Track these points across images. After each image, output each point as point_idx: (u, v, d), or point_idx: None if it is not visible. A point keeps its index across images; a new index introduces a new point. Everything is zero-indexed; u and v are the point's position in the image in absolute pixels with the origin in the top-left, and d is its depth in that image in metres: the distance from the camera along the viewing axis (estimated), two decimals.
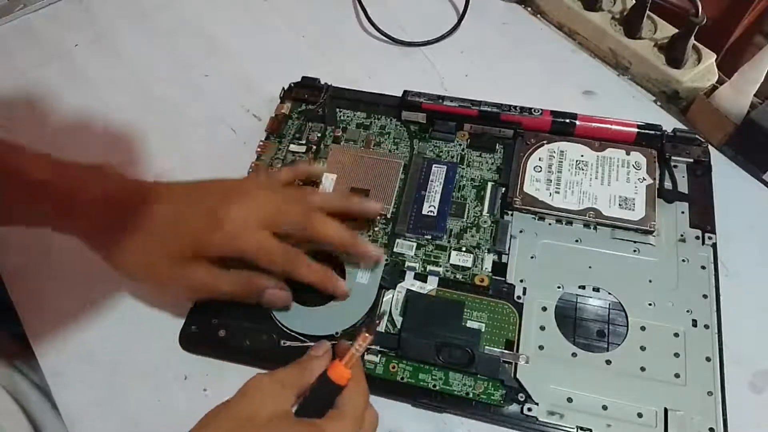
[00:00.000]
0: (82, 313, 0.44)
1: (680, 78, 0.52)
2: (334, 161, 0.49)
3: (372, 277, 0.43)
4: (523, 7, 0.62)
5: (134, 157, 0.53)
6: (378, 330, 0.41)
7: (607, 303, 0.42)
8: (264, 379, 0.33)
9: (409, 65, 0.58)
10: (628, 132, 0.48)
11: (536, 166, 0.47)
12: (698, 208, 0.45)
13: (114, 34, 0.62)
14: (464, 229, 0.45)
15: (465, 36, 0.60)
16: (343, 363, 0.33)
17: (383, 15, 0.60)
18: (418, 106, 0.50)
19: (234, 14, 0.63)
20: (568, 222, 0.45)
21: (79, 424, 0.40)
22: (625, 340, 0.40)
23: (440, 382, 0.39)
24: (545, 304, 0.42)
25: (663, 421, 0.37)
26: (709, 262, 0.43)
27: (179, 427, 0.40)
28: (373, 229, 0.46)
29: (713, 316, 0.41)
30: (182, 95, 0.56)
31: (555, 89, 0.55)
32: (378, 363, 0.40)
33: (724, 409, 0.37)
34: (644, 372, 0.39)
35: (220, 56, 0.59)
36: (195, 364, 0.42)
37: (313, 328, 0.41)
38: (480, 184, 0.47)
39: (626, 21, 0.55)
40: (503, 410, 0.38)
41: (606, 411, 0.38)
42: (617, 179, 0.46)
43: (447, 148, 0.50)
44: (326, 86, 0.54)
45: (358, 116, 0.52)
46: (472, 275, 0.43)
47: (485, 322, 0.41)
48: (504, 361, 0.39)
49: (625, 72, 0.56)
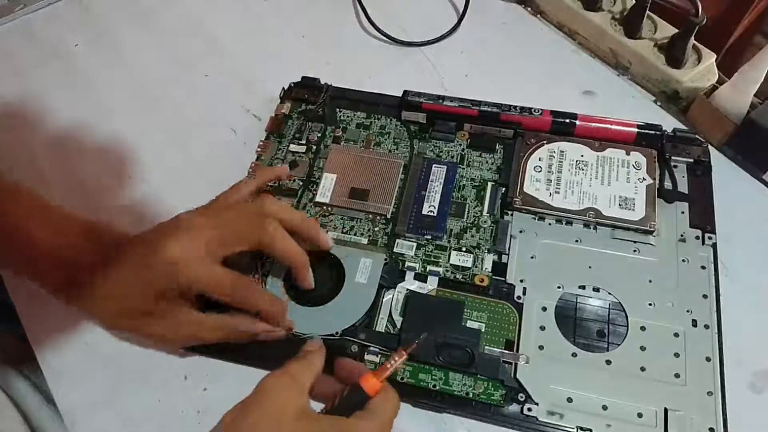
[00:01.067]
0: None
1: (680, 78, 0.52)
2: (334, 161, 0.49)
3: (371, 277, 0.43)
4: (523, 7, 0.62)
5: (134, 157, 0.53)
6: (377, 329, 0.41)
7: (607, 303, 0.42)
8: (280, 376, 0.32)
9: (409, 65, 0.58)
10: (628, 132, 0.48)
11: (536, 166, 0.47)
12: (698, 208, 0.45)
13: (114, 34, 0.61)
14: (464, 229, 0.45)
15: (465, 36, 0.60)
16: (377, 376, 0.33)
17: (383, 15, 0.60)
18: (418, 106, 0.50)
19: (234, 14, 0.63)
20: (568, 222, 0.45)
21: (79, 424, 0.40)
22: (625, 340, 0.40)
23: (440, 382, 0.39)
24: (545, 304, 0.42)
25: (663, 421, 0.37)
26: (709, 262, 0.43)
27: (179, 427, 0.40)
28: (374, 229, 0.46)
29: (713, 316, 0.41)
30: (182, 95, 0.56)
31: (555, 89, 0.55)
32: (378, 363, 0.40)
33: (724, 409, 0.37)
34: (644, 372, 0.39)
35: (220, 56, 0.59)
36: (195, 364, 0.42)
37: (313, 328, 0.41)
38: (480, 184, 0.47)
39: (626, 21, 0.55)
40: (503, 410, 0.38)
41: (606, 411, 0.38)
42: (617, 179, 0.46)
43: (447, 148, 0.50)
44: (326, 86, 0.54)
45: (358, 116, 0.52)
46: (472, 275, 0.43)
47: (485, 322, 0.41)
48: (504, 361, 0.39)
49: (625, 72, 0.56)
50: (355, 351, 0.40)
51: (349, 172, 0.48)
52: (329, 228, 0.46)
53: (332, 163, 0.49)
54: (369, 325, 0.41)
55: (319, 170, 0.49)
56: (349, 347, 0.40)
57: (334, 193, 0.47)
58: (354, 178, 0.48)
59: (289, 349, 0.41)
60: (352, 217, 0.47)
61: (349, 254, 0.44)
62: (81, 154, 0.53)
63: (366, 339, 0.40)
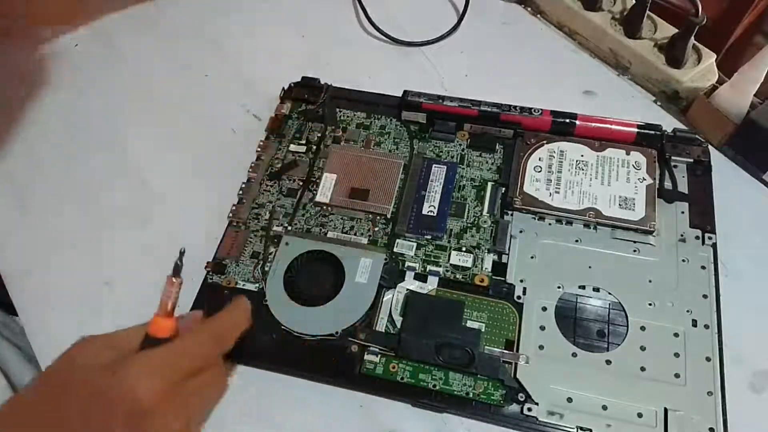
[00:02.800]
0: (82, 314, 0.45)
1: (680, 78, 0.52)
2: (334, 161, 0.49)
3: (371, 276, 0.43)
4: (523, 7, 0.62)
5: (134, 157, 0.53)
6: (377, 329, 0.41)
7: (607, 303, 0.42)
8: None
9: (409, 65, 0.58)
10: (628, 132, 0.48)
11: (536, 166, 0.47)
12: (698, 208, 0.45)
13: (114, 34, 0.62)
14: (464, 229, 0.45)
15: (465, 36, 0.60)
16: (161, 315, 0.31)
17: (383, 15, 0.60)
18: (418, 106, 0.50)
19: (234, 14, 0.63)
20: (568, 222, 0.45)
21: None
22: (625, 340, 0.40)
23: (440, 382, 0.39)
24: (545, 304, 0.42)
25: (663, 421, 0.37)
26: (709, 262, 0.43)
27: None
28: (374, 229, 0.46)
29: (713, 316, 0.41)
30: (182, 95, 0.56)
31: (555, 89, 0.55)
32: (378, 363, 0.40)
33: (724, 409, 0.37)
34: (644, 372, 0.39)
35: (220, 56, 0.59)
36: None
37: (313, 328, 0.41)
38: (480, 184, 0.47)
39: (626, 21, 0.55)
40: (503, 410, 0.38)
41: (606, 411, 0.38)
42: (617, 179, 0.46)
43: (447, 148, 0.50)
44: (326, 86, 0.54)
45: (358, 116, 0.52)
46: (472, 275, 0.43)
47: (485, 322, 0.41)
48: (504, 361, 0.39)
49: (625, 72, 0.56)
50: (355, 351, 0.40)
51: (349, 172, 0.48)
52: (329, 228, 0.46)
53: (332, 163, 0.49)
54: (369, 324, 0.41)
55: (319, 170, 0.49)
56: (349, 347, 0.40)
57: (334, 193, 0.47)
58: (354, 178, 0.48)
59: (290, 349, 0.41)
60: (352, 217, 0.47)
61: (349, 254, 0.44)
62: (81, 154, 0.53)
63: (366, 339, 0.40)
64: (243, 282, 0.44)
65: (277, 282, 0.43)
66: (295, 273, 0.44)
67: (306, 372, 0.40)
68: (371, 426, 0.39)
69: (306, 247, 0.44)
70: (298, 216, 0.47)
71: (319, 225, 0.46)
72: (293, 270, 0.44)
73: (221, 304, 0.42)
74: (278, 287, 0.43)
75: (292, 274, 0.44)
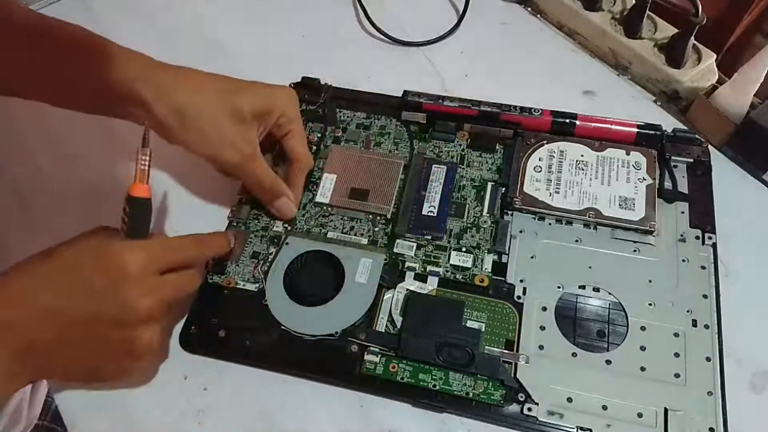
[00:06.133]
0: None
1: (680, 78, 0.52)
2: (334, 161, 0.49)
3: (371, 277, 0.43)
4: (523, 7, 0.62)
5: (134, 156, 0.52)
6: (377, 329, 0.41)
7: (607, 303, 0.42)
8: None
9: (409, 65, 0.58)
10: (628, 132, 0.48)
11: (536, 166, 0.47)
12: (698, 208, 0.45)
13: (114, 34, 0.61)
14: (464, 230, 0.45)
15: (465, 36, 0.60)
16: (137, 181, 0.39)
17: (383, 15, 0.60)
18: (419, 106, 0.50)
19: (234, 14, 0.63)
20: (568, 222, 0.45)
21: (79, 424, 0.40)
22: (625, 340, 0.40)
23: (440, 382, 0.39)
24: (545, 304, 0.42)
25: (663, 421, 0.37)
26: (709, 262, 0.43)
27: (179, 427, 0.40)
28: (374, 229, 0.46)
29: (713, 316, 0.41)
30: None
31: (555, 89, 0.55)
32: (378, 363, 0.40)
33: (724, 409, 0.37)
34: (644, 372, 0.39)
35: (221, 56, 0.59)
36: (195, 364, 0.42)
37: (313, 328, 0.41)
38: (480, 185, 0.47)
39: (626, 21, 0.55)
40: (503, 410, 0.38)
41: (606, 411, 0.38)
42: (617, 179, 0.46)
43: (447, 148, 0.50)
44: (326, 86, 0.54)
45: (358, 116, 0.52)
46: (472, 275, 0.43)
47: (485, 322, 0.41)
48: (504, 361, 0.39)
49: (625, 72, 0.56)
50: (355, 351, 0.40)
51: (349, 173, 0.48)
52: (329, 228, 0.46)
53: (332, 163, 0.49)
54: (369, 324, 0.41)
55: (319, 170, 0.49)
56: (349, 347, 0.40)
57: (334, 194, 0.47)
58: (354, 178, 0.48)
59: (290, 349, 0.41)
60: (352, 217, 0.47)
61: (349, 254, 0.44)
62: (81, 154, 0.53)
63: (366, 339, 0.40)
64: (243, 282, 0.44)
65: (277, 282, 0.43)
66: (295, 273, 0.44)
67: (306, 372, 0.40)
68: (371, 426, 0.39)
69: (306, 247, 0.45)
70: (298, 216, 0.47)
71: (319, 225, 0.46)
72: (293, 270, 0.44)
73: (221, 303, 0.42)
74: (278, 287, 0.43)
75: (292, 274, 0.44)
